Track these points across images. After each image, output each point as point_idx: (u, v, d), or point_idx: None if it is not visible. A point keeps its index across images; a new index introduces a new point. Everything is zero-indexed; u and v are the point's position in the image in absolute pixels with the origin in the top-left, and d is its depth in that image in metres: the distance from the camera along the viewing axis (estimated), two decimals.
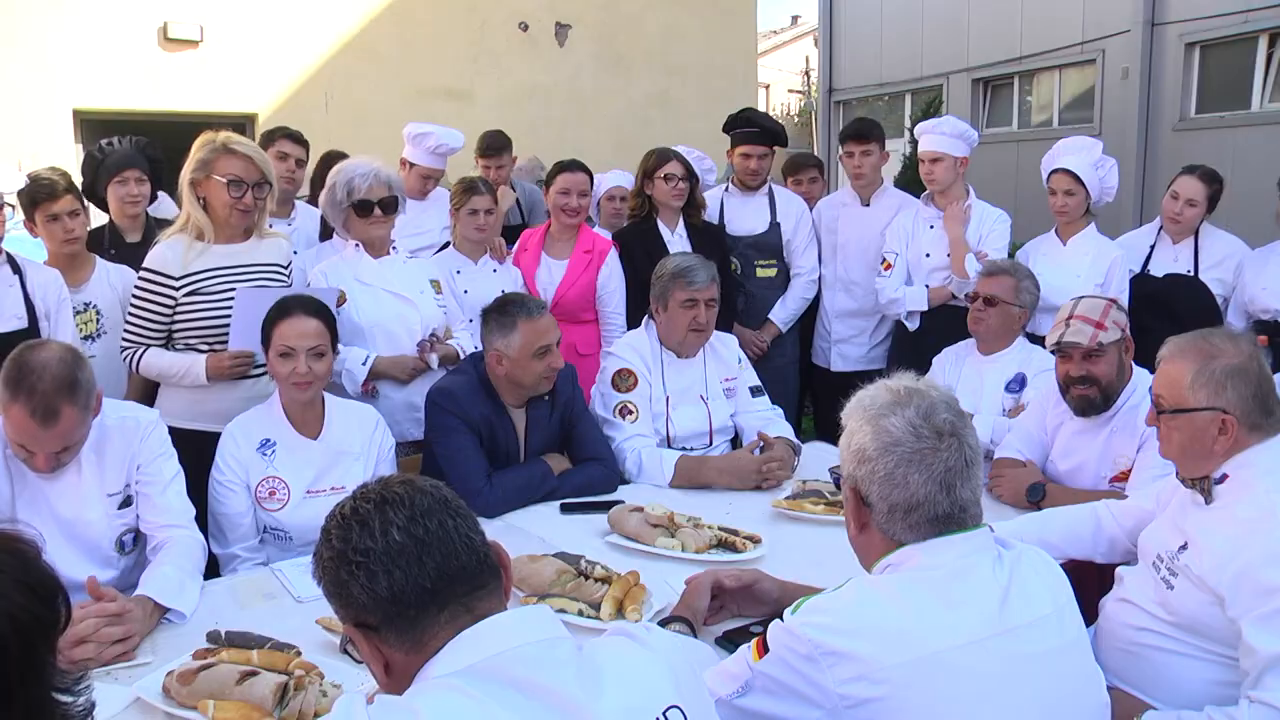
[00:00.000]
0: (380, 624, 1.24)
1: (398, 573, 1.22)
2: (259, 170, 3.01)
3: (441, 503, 1.29)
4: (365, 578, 1.23)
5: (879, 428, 1.56)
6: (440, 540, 1.25)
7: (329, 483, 2.74)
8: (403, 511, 1.26)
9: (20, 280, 3.15)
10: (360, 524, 1.25)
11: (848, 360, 4.68)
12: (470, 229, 3.96)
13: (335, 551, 1.26)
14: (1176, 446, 1.99)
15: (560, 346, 3.01)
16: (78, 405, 2.16)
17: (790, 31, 27.53)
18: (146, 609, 2.10)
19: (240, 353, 2.97)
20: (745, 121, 4.54)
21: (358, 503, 1.28)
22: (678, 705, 1.26)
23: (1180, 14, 9.45)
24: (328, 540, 1.28)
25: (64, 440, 2.19)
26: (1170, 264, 4.20)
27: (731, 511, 2.84)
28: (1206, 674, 1.88)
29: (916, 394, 1.59)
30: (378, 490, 1.29)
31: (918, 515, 1.54)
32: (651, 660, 1.30)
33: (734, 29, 11.50)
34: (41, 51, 8.34)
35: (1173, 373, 1.99)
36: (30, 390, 2.10)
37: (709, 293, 3.29)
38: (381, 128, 8.39)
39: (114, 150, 3.89)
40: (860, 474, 1.58)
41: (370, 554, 1.23)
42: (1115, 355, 2.79)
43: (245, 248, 3.10)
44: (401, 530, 1.24)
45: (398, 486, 1.30)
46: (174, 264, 2.99)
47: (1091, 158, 4.04)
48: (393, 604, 1.22)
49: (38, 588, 1.02)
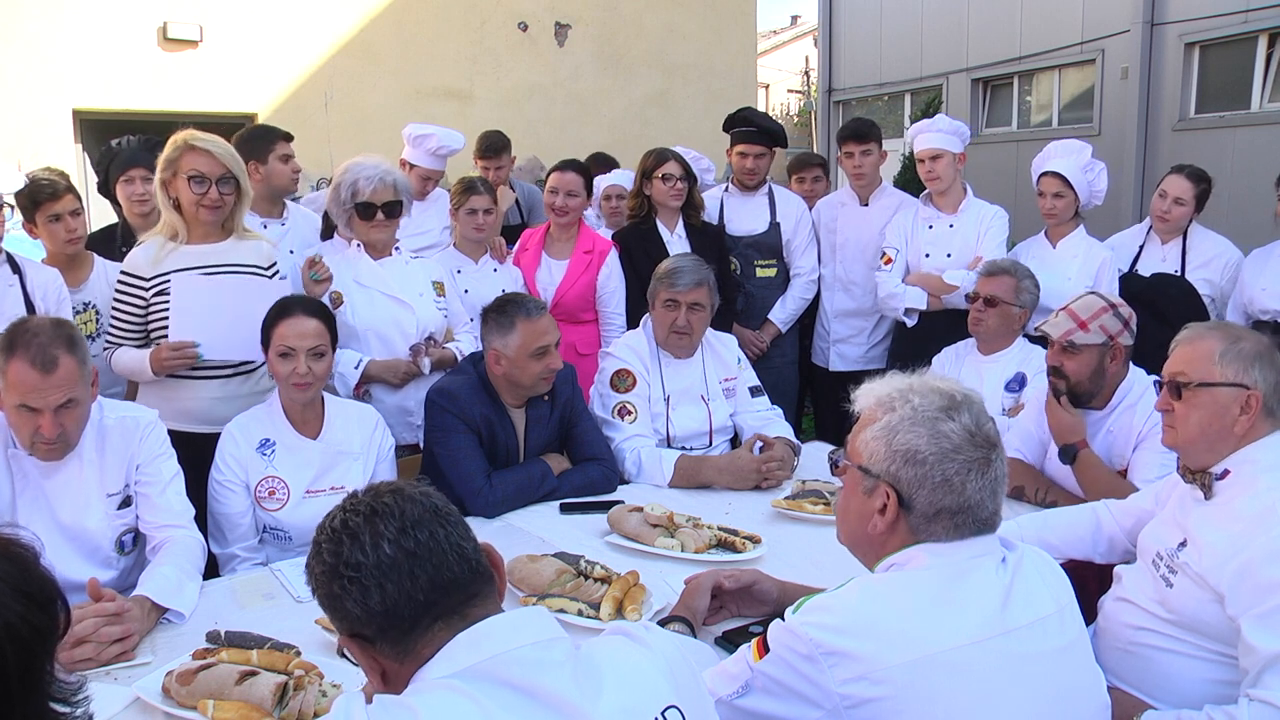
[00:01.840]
0: (375, 636, 1.24)
1: (390, 587, 1.21)
2: (222, 165, 2.98)
3: (431, 512, 1.28)
4: (358, 592, 1.22)
5: (936, 432, 1.52)
6: (431, 552, 1.24)
7: (328, 482, 2.74)
8: (392, 523, 1.24)
9: (20, 280, 3.15)
10: (350, 537, 1.24)
11: (846, 360, 4.68)
12: (469, 228, 3.96)
13: (327, 566, 1.25)
14: (1194, 426, 1.96)
15: (560, 346, 3.01)
16: (75, 357, 2.19)
17: (790, 31, 27.52)
18: (145, 609, 2.10)
19: (179, 344, 2.92)
20: (743, 121, 4.54)
21: (347, 515, 1.27)
22: (676, 705, 1.25)
23: (1180, 14, 9.44)
24: (319, 554, 1.27)
25: (66, 391, 2.18)
26: (1159, 264, 4.21)
27: (731, 511, 2.84)
28: (1206, 673, 1.88)
29: (967, 400, 1.57)
30: (367, 501, 1.27)
31: (964, 518, 1.53)
32: (649, 660, 1.29)
33: (734, 29, 11.49)
34: (41, 51, 8.34)
35: (1199, 348, 1.98)
36: (27, 343, 2.16)
37: (691, 296, 3.25)
38: (381, 128, 8.41)
39: (121, 149, 3.89)
40: (908, 475, 1.53)
41: (361, 568, 1.22)
42: (1092, 358, 2.77)
43: (220, 248, 3.07)
44: (392, 543, 1.23)
45: (387, 496, 1.28)
46: (145, 265, 3.00)
47: (1080, 161, 4.05)
48: (386, 617, 1.22)
49: (36, 594, 1.01)
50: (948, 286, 4.11)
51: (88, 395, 2.27)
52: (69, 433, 2.25)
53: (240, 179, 3.06)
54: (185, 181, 2.97)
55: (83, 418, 2.28)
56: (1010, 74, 11.71)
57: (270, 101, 9.22)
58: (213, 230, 3.07)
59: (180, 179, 2.97)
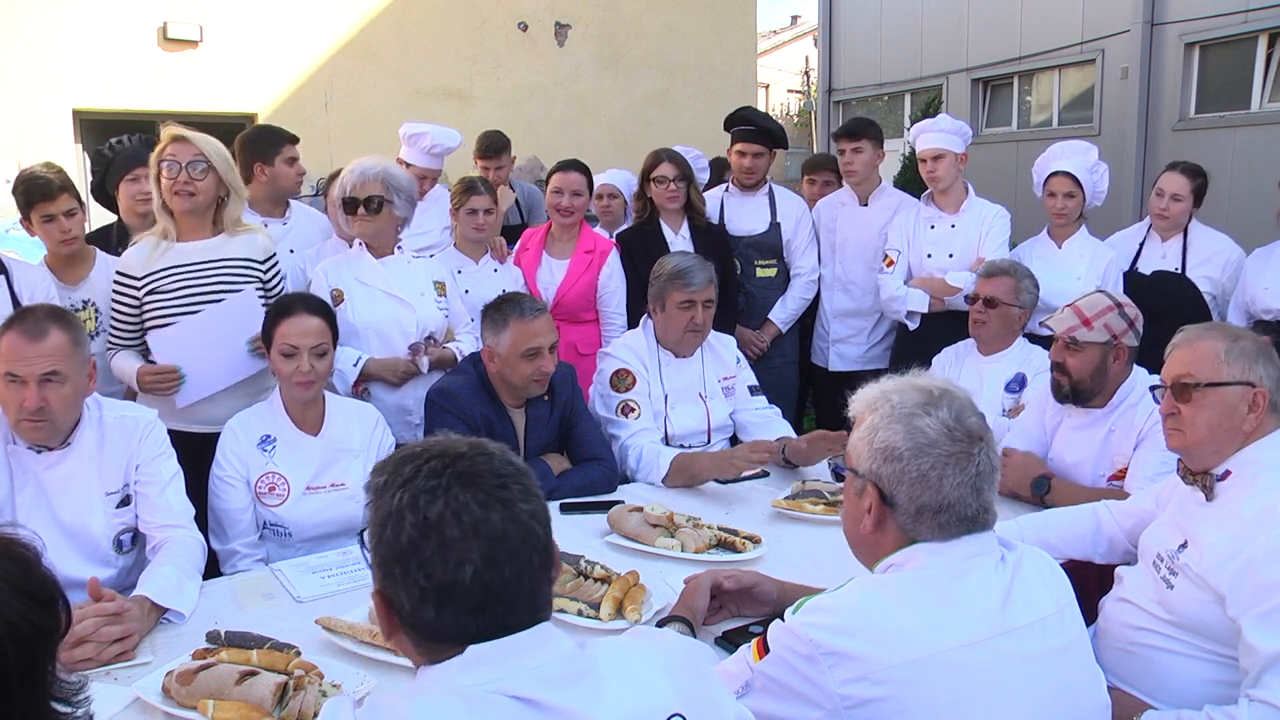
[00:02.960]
0: (405, 624, 1.16)
1: (448, 613, 1.12)
2: (194, 148, 2.97)
3: (530, 542, 1.15)
4: (417, 595, 1.12)
5: (912, 427, 1.53)
6: (510, 594, 1.13)
7: (329, 479, 2.75)
8: (489, 546, 1.11)
9: (7, 279, 3.14)
10: (440, 541, 1.11)
11: (846, 360, 4.68)
12: (470, 228, 3.96)
13: (399, 550, 1.13)
14: (1203, 427, 1.96)
15: (561, 346, 3.01)
16: (67, 333, 2.22)
17: (790, 31, 27.53)
18: (145, 609, 2.09)
19: (161, 368, 2.97)
20: (743, 120, 4.54)
21: (454, 507, 1.12)
22: (680, 714, 1.21)
23: (1180, 14, 9.45)
24: (400, 524, 1.13)
25: (51, 361, 2.18)
26: (1159, 261, 4.21)
27: (731, 511, 2.84)
28: (1206, 674, 1.88)
29: (947, 395, 1.56)
30: (477, 503, 1.13)
31: (947, 516, 1.52)
32: (653, 665, 1.24)
33: (734, 29, 11.50)
34: (41, 51, 8.34)
35: (1201, 349, 1.98)
36: (22, 316, 2.23)
37: (706, 294, 3.28)
38: (381, 128, 8.40)
39: (124, 148, 3.87)
40: (887, 472, 1.54)
41: (432, 580, 1.11)
42: (1094, 356, 2.77)
43: (211, 244, 3.08)
44: (477, 572, 1.11)
45: (499, 511, 1.13)
46: (137, 264, 3.02)
47: (1088, 161, 4.07)
48: (427, 629, 1.15)
49: (37, 594, 1.00)
50: (950, 289, 4.11)
51: (79, 377, 2.26)
52: (54, 411, 2.23)
53: (219, 168, 3.02)
54: (161, 170, 2.98)
55: (69, 398, 2.26)
56: (1010, 74, 11.72)
57: (270, 101, 9.23)
58: (200, 225, 3.06)
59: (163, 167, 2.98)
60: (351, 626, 2.02)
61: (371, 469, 1.23)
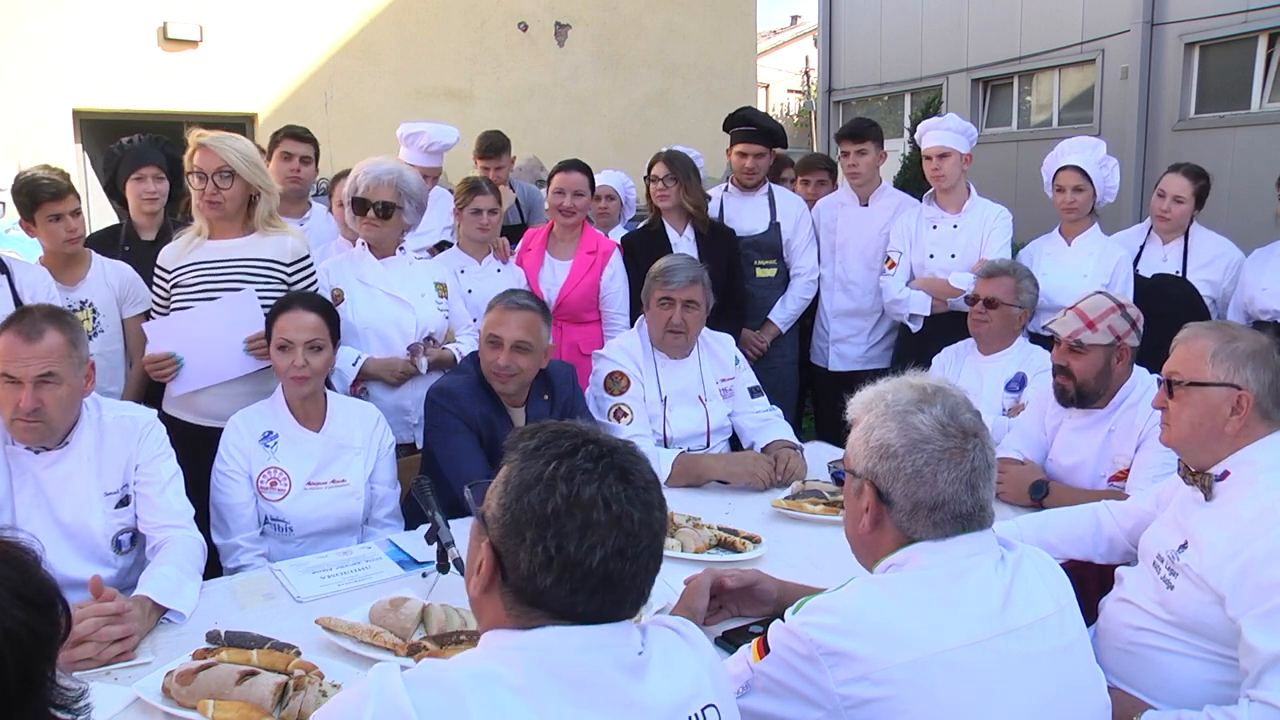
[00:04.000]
0: (510, 588, 1.19)
1: (564, 587, 1.16)
2: (219, 159, 2.99)
3: (653, 548, 1.20)
4: (541, 562, 1.15)
5: (906, 424, 1.54)
6: (624, 588, 1.19)
7: (330, 475, 2.77)
8: (624, 539, 1.17)
9: (8, 279, 3.15)
10: (585, 520, 1.15)
11: (846, 360, 4.67)
12: (474, 229, 3.96)
13: (539, 515, 1.16)
14: (1186, 424, 1.97)
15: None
16: (64, 335, 2.23)
17: (790, 31, 27.54)
18: (145, 609, 2.09)
19: (154, 355, 3.01)
20: (743, 120, 4.54)
21: (605, 495, 1.16)
22: (714, 704, 1.27)
23: (1180, 14, 9.44)
24: (550, 491, 1.16)
25: (47, 362, 2.19)
26: (1160, 263, 4.20)
27: (731, 511, 2.84)
28: (1206, 674, 1.88)
29: (941, 392, 1.57)
30: (628, 501, 1.18)
31: (942, 513, 1.53)
32: (695, 656, 1.30)
33: (734, 29, 11.51)
34: (41, 51, 8.35)
35: (1193, 348, 1.99)
36: (19, 317, 2.24)
37: (686, 294, 3.25)
38: (381, 128, 8.39)
39: (132, 147, 3.89)
40: (882, 470, 1.55)
41: (562, 553, 1.15)
42: (1098, 358, 2.77)
43: (240, 243, 3.10)
44: (605, 559, 1.16)
45: (640, 511, 1.19)
46: (170, 258, 3.10)
47: (1097, 156, 4.05)
48: (534, 594, 1.17)
49: (36, 599, 1.00)
50: (953, 290, 4.09)
51: (75, 378, 2.26)
52: (49, 412, 2.23)
53: (245, 173, 3.04)
54: (191, 181, 3.04)
55: (65, 400, 2.26)
56: (1010, 74, 11.71)
57: (270, 101, 9.23)
58: (231, 226, 3.09)
59: (193, 178, 3.04)
60: (352, 626, 2.02)
61: (519, 429, 1.27)
